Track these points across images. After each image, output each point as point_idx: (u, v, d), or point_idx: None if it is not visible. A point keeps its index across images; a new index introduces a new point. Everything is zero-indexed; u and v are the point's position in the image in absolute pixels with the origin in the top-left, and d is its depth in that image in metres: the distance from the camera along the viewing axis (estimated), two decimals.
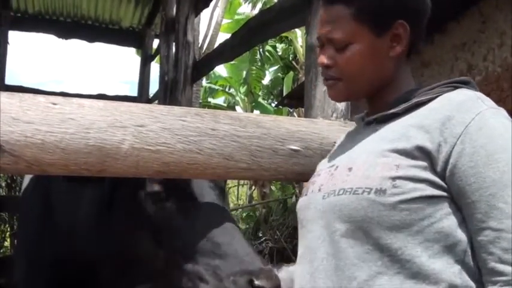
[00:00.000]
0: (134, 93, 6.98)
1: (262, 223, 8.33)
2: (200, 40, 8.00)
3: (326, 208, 0.97)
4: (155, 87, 6.46)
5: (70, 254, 1.49)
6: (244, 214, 9.92)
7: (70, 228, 1.52)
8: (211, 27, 10.15)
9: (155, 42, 6.72)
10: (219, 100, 12.71)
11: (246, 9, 16.64)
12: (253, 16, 5.47)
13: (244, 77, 11.69)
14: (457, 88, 0.99)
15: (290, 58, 11.64)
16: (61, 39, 6.60)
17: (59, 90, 6.66)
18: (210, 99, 12.15)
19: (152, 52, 6.92)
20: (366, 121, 1.10)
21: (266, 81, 12.38)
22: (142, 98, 6.59)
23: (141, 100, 6.41)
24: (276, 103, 10.36)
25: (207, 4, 4.89)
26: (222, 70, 12.28)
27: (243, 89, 11.94)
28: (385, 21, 1.01)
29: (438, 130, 0.91)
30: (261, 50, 11.42)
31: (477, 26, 3.28)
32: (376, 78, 1.05)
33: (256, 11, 11.01)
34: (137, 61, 7.22)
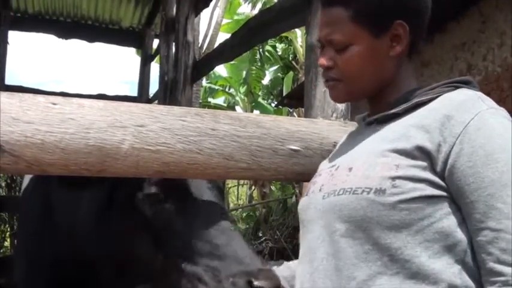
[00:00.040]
0: (134, 93, 6.99)
1: (262, 223, 8.34)
2: (200, 40, 7.99)
3: (326, 208, 0.98)
4: (155, 87, 6.47)
5: (70, 254, 1.49)
6: (244, 214, 9.93)
7: (70, 228, 1.52)
8: (211, 27, 10.15)
9: (155, 42, 6.73)
10: (219, 100, 12.71)
11: (246, 9, 16.66)
12: (253, 16, 5.47)
13: (244, 77, 11.69)
14: (458, 88, 0.99)
15: (290, 58, 11.64)
16: (61, 39, 6.60)
17: (59, 90, 6.67)
18: (210, 99, 12.15)
19: (152, 52, 6.93)
20: (367, 121, 1.10)
21: (266, 81, 12.39)
22: (142, 98, 6.60)
23: (141, 100, 6.41)
24: (276, 103, 10.37)
25: (207, 4, 4.90)
26: (222, 70, 12.29)
27: (243, 89, 11.94)
28: (384, 22, 1.01)
29: (438, 130, 0.91)
30: (261, 50, 11.42)
31: (477, 26, 3.28)
32: (376, 78, 1.05)
33: (256, 11, 11.01)
34: (137, 61, 7.23)
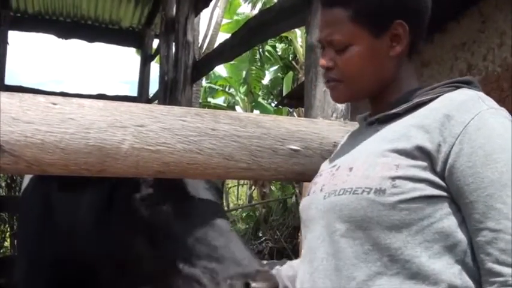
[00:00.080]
0: (134, 93, 6.99)
1: (262, 223, 8.34)
2: (200, 40, 8.00)
3: (327, 208, 0.98)
4: (155, 87, 6.47)
5: (70, 254, 1.49)
6: (244, 214, 9.92)
7: (70, 228, 1.52)
8: (211, 27, 10.16)
9: (155, 42, 6.73)
10: (219, 100, 12.71)
11: (246, 9, 16.68)
12: (253, 16, 5.47)
13: (244, 77, 11.69)
14: (459, 88, 0.99)
15: (290, 58, 11.64)
16: (61, 39, 6.60)
17: (59, 90, 6.67)
18: (210, 99, 12.15)
19: (152, 52, 6.93)
20: (368, 121, 1.10)
21: (266, 81, 12.39)
22: (142, 98, 6.60)
23: (141, 100, 6.41)
24: (276, 103, 10.37)
25: (207, 4, 4.89)
26: (222, 70, 12.29)
27: (243, 89, 11.93)
28: (384, 22, 1.01)
29: (438, 130, 0.91)
30: (261, 50, 11.42)
31: (477, 26, 3.28)
32: (376, 78, 1.05)
33: (256, 11, 11.01)
34: (137, 61, 7.23)
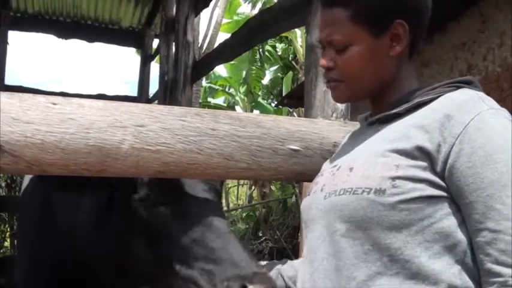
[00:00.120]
0: (134, 93, 6.99)
1: (262, 223, 8.34)
2: (200, 40, 8.01)
3: (327, 208, 0.98)
4: (155, 87, 6.47)
5: (70, 254, 1.49)
6: (244, 214, 9.92)
7: (70, 228, 1.52)
8: (211, 27, 10.16)
9: (155, 42, 6.73)
10: (219, 100, 12.71)
11: (246, 9, 16.68)
12: (253, 16, 5.47)
13: (244, 77, 11.69)
14: (459, 88, 0.99)
15: (290, 58, 11.64)
16: (61, 39, 6.61)
17: (59, 90, 6.67)
18: (210, 99, 12.15)
19: (152, 52, 6.93)
20: (369, 121, 1.10)
21: (266, 81, 12.39)
22: (142, 98, 6.60)
23: (141, 100, 6.42)
24: (276, 103, 10.37)
25: (207, 4, 4.90)
26: (222, 70, 12.30)
27: (243, 89, 11.93)
28: (384, 21, 1.01)
29: (438, 130, 0.91)
30: (261, 50, 11.42)
31: (477, 26, 3.28)
32: (376, 78, 1.05)
33: (256, 11, 11.01)
34: (137, 61, 7.23)
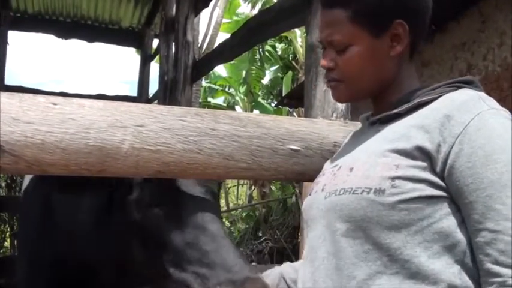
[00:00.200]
0: (134, 93, 6.99)
1: (262, 223, 8.34)
2: (200, 40, 8.00)
3: (327, 208, 0.98)
4: (155, 87, 6.47)
5: (70, 254, 1.49)
6: (244, 214, 9.92)
7: (70, 228, 1.52)
8: (210, 27, 10.16)
9: (155, 42, 6.74)
10: (219, 100, 12.71)
11: (246, 9, 16.67)
12: (252, 16, 5.47)
13: (243, 77, 11.69)
14: (460, 88, 0.98)
15: (289, 58, 11.63)
16: (61, 39, 6.61)
17: (59, 90, 6.67)
18: (210, 99, 12.14)
19: (152, 52, 6.93)
20: (370, 121, 1.10)
21: (266, 81, 12.38)
22: (142, 98, 6.60)
23: (141, 100, 6.42)
24: (276, 103, 10.37)
25: (207, 4, 4.90)
26: (222, 70, 12.29)
27: (243, 89, 11.93)
28: (384, 21, 1.01)
29: (438, 130, 0.91)
30: (261, 50, 11.41)
31: (477, 26, 3.29)
32: (376, 78, 1.05)
33: (255, 11, 11.01)
34: (137, 61, 7.23)
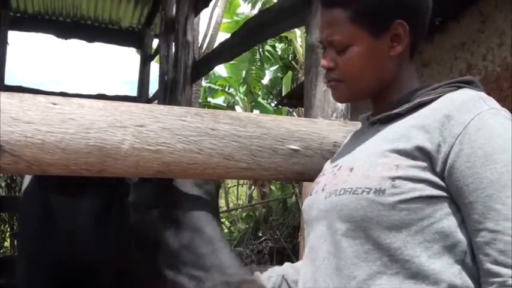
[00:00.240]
0: (134, 93, 6.99)
1: (262, 223, 8.34)
2: (200, 40, 8.01)
3: (328, 208, 0.98)
4: (155, 87, 6.48)
5: (70, 254, 1.49)
6: (244, 214, 9.92)
7: (70, 228, 1.52)
8: (210, 27, 10.16)
9: (155, 42, 6.74)
10: (219, 100, 12.70)
11: (246, 9, 16.69)
12: (252, 16, 5.47)
13: (243, 77, 11.68)
14: (460, 88, 0.98)
15: (289, 58, 11.63)
16: (61, 39, 6.61)
17: (59, 90, 6.67)
18: (210, 99, 12.14)
19: (152, 52, 6.93)
20: (370, 121, 1.10)
21: (266, 81, 12.38)
22: (142, 98, 6.60)
23: (141, 100, 6.42)
24: (276, 103, 10.37)
25: (207, 4, 4.90)
26: (222, 70, 12.29)
27: (243, 89, 11.93)
28: (384, 22, 1.01)
29: (438, 130, 0.91)
30: (261, 50, 11.41)
31: (477, 26, 3.29)
32: (376, 79, 1.05)
33: (255, 11, 11.01)
34: (137, 61, 7.23)
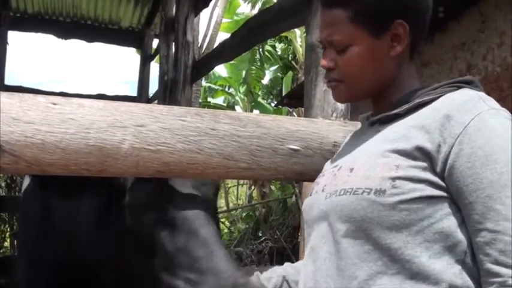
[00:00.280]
0: (134, 93, 6.99)
1: (262, 223, 8.34)
2: (200, 40, 8.00)
3: (328, 208, 0.98)
4: (155, 87, 6.47)
5: (70, 254, 1.49)
6: (244, 214, 9.92)
7: (70, 228, 1.52)
8: (210, 27, 10.16)
9: (155, 42, 6.73)
10: (219, 100, 12.70)
11: (246, 9, 16.68)
12: (252, 16, 5.47)
13: (243, 77, 11.68)
14: (460, 88, 0.98)
15: (289, 58, 11.63)
16: (60, 39, 6.61)
17: (59, 90, 6.67)
18: (210, 99, 12.14)
19: (152, 52, 6.93)
20: (370, 121, 1.10)
21: (265, 81, 12.38)
22: (142, 98, 6.60)
23: (141, 100, 6.42)
24: (276, 103, 10.37)
25: (207, 4, 4.90)
26: (222, 70, 12.29)
27: (243, 89, 11.93)
28: (384, 21, 1.01)
29: (438, 130, 0.90)
30: (261, 50, 11.41)
31: (477, 26, 3.29)
32: (376, 79, 1.05)
33: (255, 11, 11.01)
34: (137, 61, 7.23)
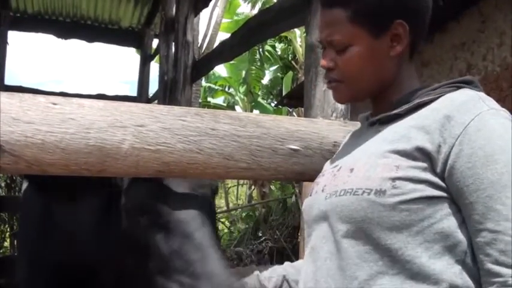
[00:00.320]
0: (134, 93, 7.00)
1: (261, 223, 8.33)
2: (200, 40, 8.01)
3: (328, 208, 0.98)
4: (155, 87, 6.48)
5: (70, 254, 1.49)
6: (243, 214, 9.92)
7: (70, 228, 1.52)
8: (210, 27, 10.16)
9: (155, 42, 6.74)
10: (219, 100, 12.70)
11: (246, 9, 16.69)
12: (252, 16, 5.47)
13: (243, 77, 11.68)
14: (460, 88, 0.98)
15: (289, 58, 11.63)
16: (60, 39, 6.61)
17: (59, 90, 6.67)
18: (210, 99, 12.14)
19: (152, 52, 6.93)
20: (370, 122, 1.10)
21: (265, 81, 12.37)
22: (142, 98, 6.61)
23: (141, 100, 6.42)
24: (276, 103, 10.37)
25: (207, 4, 4.89)
26: (222, 70, 12.29)
27: (243, 89, 11.93)
28: (384, 21, 1.01)
29: (438, 131, 0.91)
30: (261, 50, 11.41)
31: (477, 26, 3.28)
32: (376, 79, 1.05)
33: (255, 11, 11.01)
34: (137, 61, 7.23)
